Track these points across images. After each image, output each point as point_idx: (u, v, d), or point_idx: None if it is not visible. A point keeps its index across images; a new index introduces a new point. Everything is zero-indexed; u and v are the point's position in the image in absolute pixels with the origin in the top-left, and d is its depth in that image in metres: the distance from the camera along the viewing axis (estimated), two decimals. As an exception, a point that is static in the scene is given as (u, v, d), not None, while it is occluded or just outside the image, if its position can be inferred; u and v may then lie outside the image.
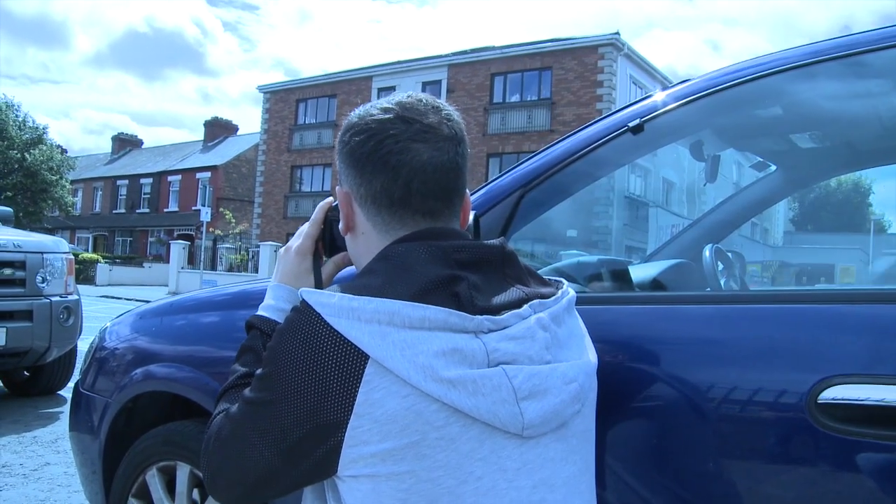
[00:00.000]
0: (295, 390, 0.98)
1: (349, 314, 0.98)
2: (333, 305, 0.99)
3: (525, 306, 1.08)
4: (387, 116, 1.14)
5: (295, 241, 1.38)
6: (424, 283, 1.01)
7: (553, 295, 1.16)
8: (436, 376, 0.96)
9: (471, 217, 1.38)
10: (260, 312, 1.33)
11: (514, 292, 1.10)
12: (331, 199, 1.37)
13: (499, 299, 1.07)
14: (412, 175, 1.11)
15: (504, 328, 1.03)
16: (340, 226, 1.23)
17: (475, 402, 0.97)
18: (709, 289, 2.11)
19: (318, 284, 1.33)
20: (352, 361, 0.97)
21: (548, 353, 1.07)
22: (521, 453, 1.03)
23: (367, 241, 1.19)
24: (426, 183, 1.12)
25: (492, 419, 0.99)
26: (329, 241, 1.37)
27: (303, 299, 1.04)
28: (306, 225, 1.39)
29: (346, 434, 0.97)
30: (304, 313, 1.02)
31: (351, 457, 0.98)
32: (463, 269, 1.06)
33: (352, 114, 1.21)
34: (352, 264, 1.33)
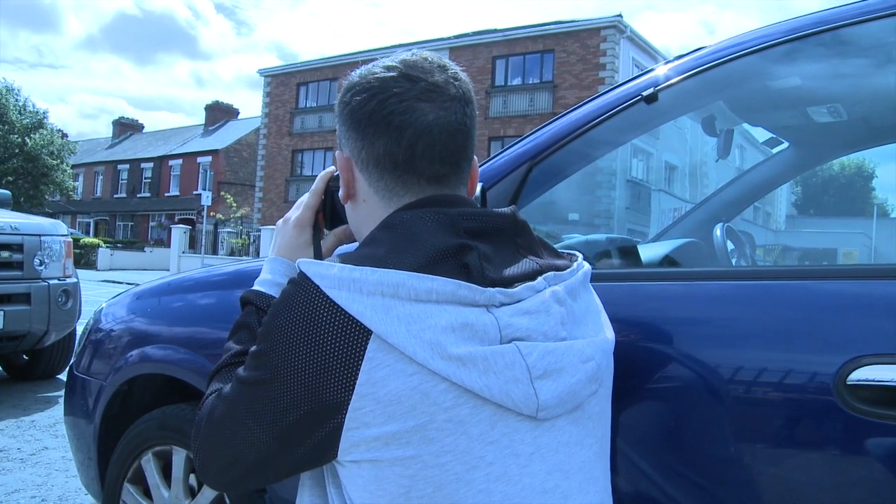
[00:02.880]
0: (291, 369, 0.91)
1: (350, 286, 0.91)
2: (333, 277, 0.92)
3: (539, 279, 1.00)
4: (390, 74, 1.06)
5: (294, 213, 1.31)
6: (432, 253, 0.94)
7: (568, 267, 1.08)
8: (444, 353, 0.88)
9: (478, 189, 1.31)
10: (256, 287, 1.25)
11: (527, 263, 1.02)
12: (332, 168, 1.28)
13: (511, 271, 0.99)
14: (417, 136, 1.03)
15: (517, 301, 0.95)
16: (340, 193, 1.15)
17: (486, 381, 0.90)
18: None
19: (318, 257, 1.25)
20: (353, 337, 0.89)
21: (563, 329, 0.99)
22: (535, 437, 0.96)
23: (368, 210, 1.11)
24: (432, 145, 1.04)
25: (504, 400, 0.92)
26: (330, 213, 1.29)
27: (300, 271, 0.97)
28: (306, 195, 1.31)
29: (347, 416, 0.90)
30: (300, 285, 0.95)
31: (352, 440, 0.91)
32: (472, 239, 0.98)
33: (353, 73, 1.13)
34: (354, 238, 1.26)
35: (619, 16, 26.62)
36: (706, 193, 2.82)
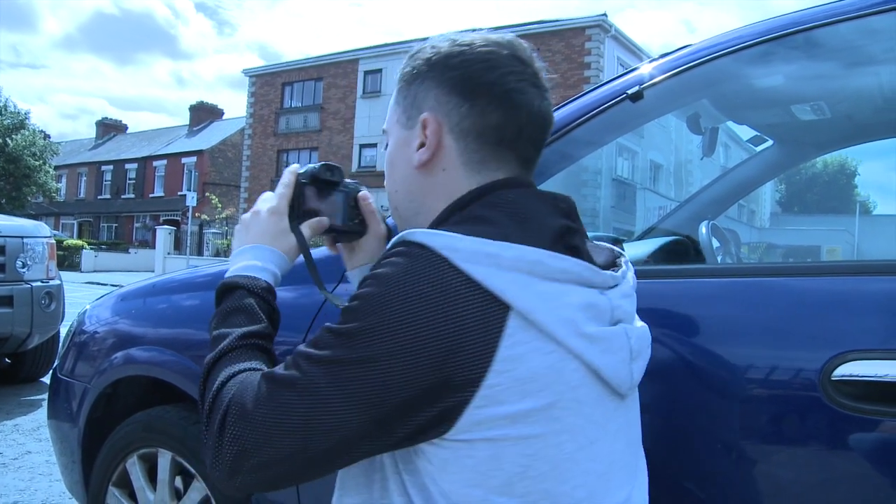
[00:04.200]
0: (413, 345, 0.85)
1: (487, 260, 0.87)
2: (466, 250, 0.87)
3: (621, 264, 1.06)
4: (504, 52, 1.04)
5: (264, 205, 1.23)
6: (550, 234, 0.93)
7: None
8: (579, 331, 0.89)
9: None
10: (242, 273, 1.16)
11: (603, 248, 1.09)
12: (296, 165, 1.27)
13: (598, 256, 1.03)
14: (528, 118, 1.03)
15: (617, 285, 1.00)
16: (420, 156, 1.06)
17: (606, 360, 0.93)
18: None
19: (303, 245, 1.22)
20: (492, 313, 0.86)
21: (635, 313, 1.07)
22: (619, 414, 1.00)
23: (445, 180, 1.06)
24: (535, 130, 1.05)
25: (613, 379, 0.95)
26: (298, 206, 1.25)
27: (418, 242, 0.90)
28: (269, 193, 1.26)
29: (478, 393, 0.85)
30: (423, 258, 0.88)
31: (476, 418, 0.86)
32: (571, 221, 1.00)
33: (439, 40, 1.08)
34: (327, 228, 1.26)
35: (604, 15, 26.70)
36: (692, 191, 2.82)
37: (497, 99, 1.02)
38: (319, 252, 1.95)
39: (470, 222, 0.95)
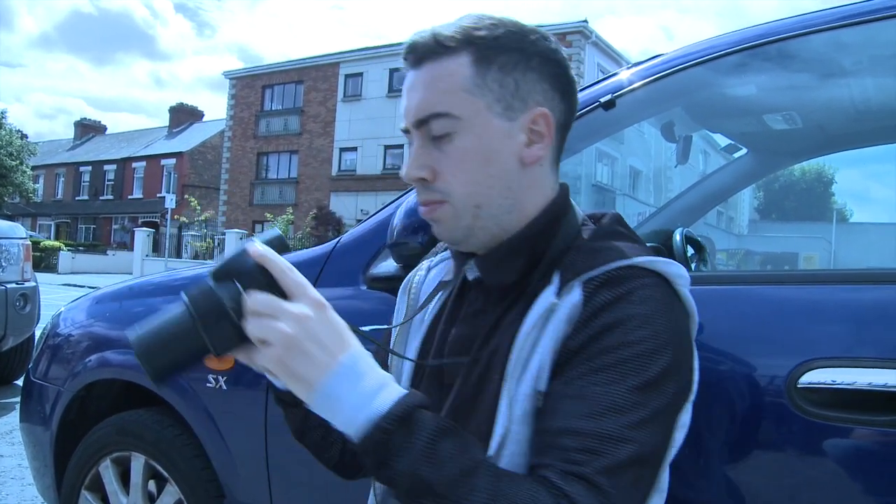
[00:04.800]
0: (687, 372, 0.97)
1: (686, 283, 0.98)
2: (683, 276, 0.97)
3: None
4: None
5: (302, 301, 0.87)
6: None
7: None
8: None
9: None
10: (384, 406, 0.84)
11: None
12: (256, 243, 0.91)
13: None
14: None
15: None
16: (537, 152, 1.02)
17: None
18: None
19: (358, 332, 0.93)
20: (694, 325, 1.01)
21: None
22: None
23: (541, 176, 1.05)
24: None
25: None
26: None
27: (657, 270, 0.95)
28: (293, 280, 0.89)
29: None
30: (665, 288, 0.95)
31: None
32: None
33: (532, 30, 1.04)
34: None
35: (585, 21, 26.84)
36: (669, 198, 2.85)
37: (574, 98, 1.07)
38: (299, 255, 1.96)
39: (628, 240, 1.02)
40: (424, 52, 1.01)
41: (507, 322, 1.00)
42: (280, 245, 0.93)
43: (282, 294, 0.86)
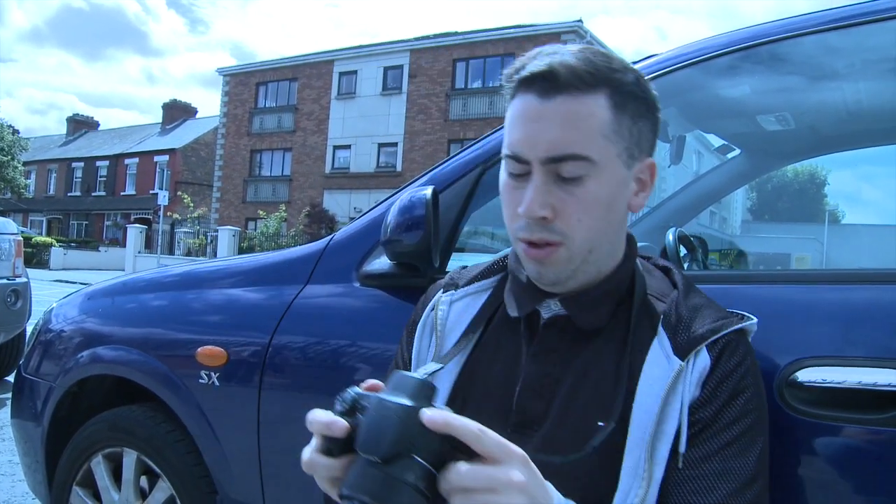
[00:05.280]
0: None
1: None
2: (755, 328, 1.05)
3: None
4: None
5: (512, 465, 0.76)
6: None
7: None
8: None
9: (429, 192, 1.31)
10: None
11: None
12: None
13: None
14: None
15: None
16: (642, 201, 1.06)
17: None
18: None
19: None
20: None
21: None
22: None
23: (625, 220, 1.07)
24: None
25: None
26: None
27: (745, 332, 1.04)
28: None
29: None
30: (751, 345, 1.04)
31: None
32: None
33: (629, 68, 1.01)
34: None
35: (580, 21, 26.84)
36: (662, 198, 2.85)
37: None
38: (292, 252, 1.96)
39: (699, 296, 1.08)
40: (560, 83, 0.96)
41: (603, 365, 1.02)
42: (432, 394, 0.78)
43: (469, 454, 0.74)
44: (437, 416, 0.73)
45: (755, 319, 1.04)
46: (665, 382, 0.95)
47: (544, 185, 0.97)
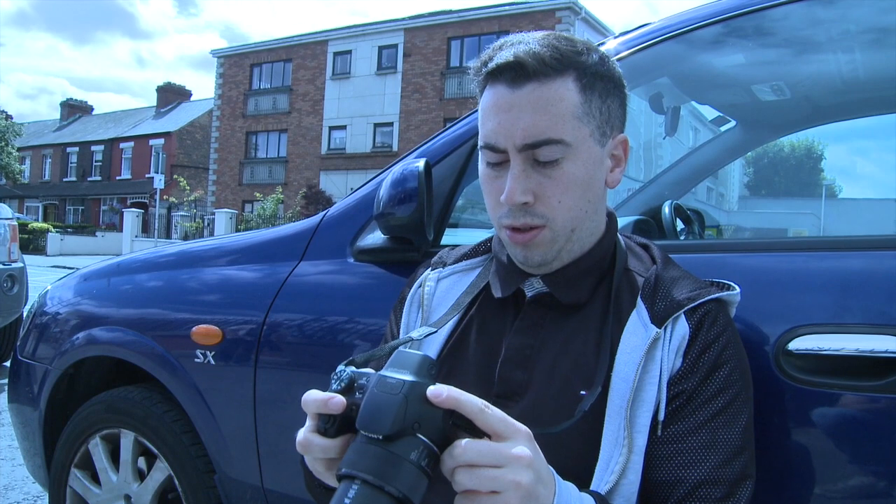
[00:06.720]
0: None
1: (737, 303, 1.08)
2: (738, 300, 1.07)
3: None
4: None
5: (518, 440, 0.75)
6: None
7: None
8: None
9: (422, 164, 1.30)
10: None
11: None
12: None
13: None
14: None
15: None
16: (618, 177, 1.09)
17: None
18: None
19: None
20: None
21: None
22: None
23: (605, 197, 1.11)
24: None
25: None
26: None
27: (724, 302, 1.05)
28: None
29: None
30: (728, 313, 1.06)
31: None
32: None
33: (593, 47, 1.05)
34: None
35: (575, -3, 26.68)
36: (657, 171, 2.84)
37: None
38: (285, 229, 1.95)
39: (676, 267, 1.10)
40: (528, 71, 0.98)
41: (584, 338, 1.04)
42: (434, 370, 0.77)
43: (472, 432, 0.74)
44: (444, 390, 0.73)
45: (738, 290, 1.05)
46: (642, 350, 0.97)
47: (522, 171, 1.00)
